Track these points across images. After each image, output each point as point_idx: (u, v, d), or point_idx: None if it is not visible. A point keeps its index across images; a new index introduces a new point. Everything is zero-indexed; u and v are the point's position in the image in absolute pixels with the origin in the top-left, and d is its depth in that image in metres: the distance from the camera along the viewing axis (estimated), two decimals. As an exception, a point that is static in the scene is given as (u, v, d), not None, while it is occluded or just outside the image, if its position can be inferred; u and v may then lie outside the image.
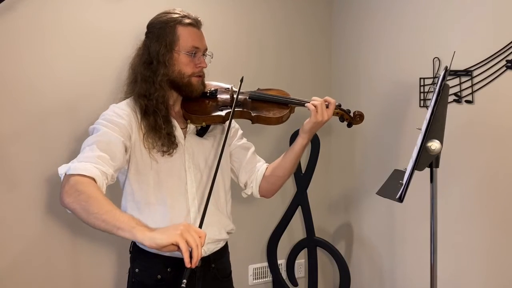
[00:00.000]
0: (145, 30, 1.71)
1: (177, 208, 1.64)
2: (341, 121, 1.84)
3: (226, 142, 1.71)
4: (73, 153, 2.04)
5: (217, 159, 1.68)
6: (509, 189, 1.98)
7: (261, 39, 2.56)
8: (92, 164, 1.45)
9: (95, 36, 2.11)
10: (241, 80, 1.74)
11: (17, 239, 1.97)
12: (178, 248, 1.29)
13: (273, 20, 2.64)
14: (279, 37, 2.66)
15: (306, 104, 1.73)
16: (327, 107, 1.71)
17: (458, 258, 2.17)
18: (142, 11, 2.11)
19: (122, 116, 1.60)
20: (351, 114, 1.82)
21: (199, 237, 1.31)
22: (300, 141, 1.76)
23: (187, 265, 1.29)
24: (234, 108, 1.68)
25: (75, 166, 1.43)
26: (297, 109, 1.80)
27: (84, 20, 2.09)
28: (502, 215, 2.01)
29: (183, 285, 1.30)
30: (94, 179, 1.42)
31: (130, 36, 1.87)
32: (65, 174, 1.44)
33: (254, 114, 1.73)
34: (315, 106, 1.69)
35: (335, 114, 1.76)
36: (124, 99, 1.69)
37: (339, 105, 1.79)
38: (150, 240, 1.30)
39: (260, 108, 1.75)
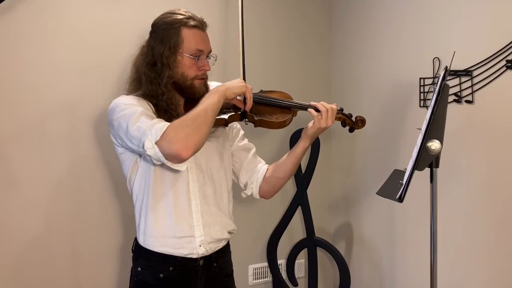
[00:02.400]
0: (148, 28, 1.70)
1: (180, 207, 1.64)
2: (343, 126, 1.83)
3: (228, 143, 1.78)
4: (73, 153, 2.06)
5: (221, 160, 1.72)
6: (509, 189, 1.99)
7: (260, 38, 2.56)
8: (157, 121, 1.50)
9: (96, 35, 2.10)
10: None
11: (17, 240, 1.97)
12: (235, 99, 1.63)
13: (272, 19, 2.63)
14: (278, 37, 2.66)
15: (309, 110, 1.74)
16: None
17: (458, 258, 2.17)
18: (145, 9, 2.11)
19: (135, 101, 1.61)
20: (353, 119, 1.82)
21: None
22: (302, 144, 1.77)
23: (247, 108, 1.66)
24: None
25: (155, 129, 1.45)
26: (299, 111, 1.80)
27: (85, 19, 2.08)
28: (502, 215, 2.02)
29: (246, 122, 1.70)
30: None
31: (133, 36, 1.87)
32: (155, 142, 1.44)
33: (257, 118, 1.72)
34: (321, 111, 1.70)
35: (337, 119, 1.77)
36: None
37: (341, 110, 1.79)
38: (229, 91, 1.58)
39: (262, 112, 1.74)
